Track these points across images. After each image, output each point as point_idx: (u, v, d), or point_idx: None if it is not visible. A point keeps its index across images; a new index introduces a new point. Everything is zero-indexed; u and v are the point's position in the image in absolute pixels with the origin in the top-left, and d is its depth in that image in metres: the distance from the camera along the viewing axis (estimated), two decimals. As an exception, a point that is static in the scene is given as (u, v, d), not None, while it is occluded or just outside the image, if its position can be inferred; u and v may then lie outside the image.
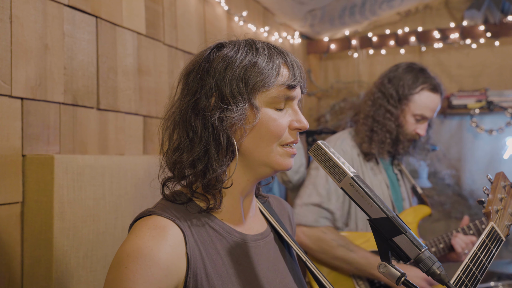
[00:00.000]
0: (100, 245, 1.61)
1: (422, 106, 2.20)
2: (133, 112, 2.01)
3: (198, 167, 1.03)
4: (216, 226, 1.06)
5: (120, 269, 0.93)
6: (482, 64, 3.82)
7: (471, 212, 3.81)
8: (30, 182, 1.49)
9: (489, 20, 3.66)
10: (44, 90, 1.58)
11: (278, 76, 1.04)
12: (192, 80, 1.06)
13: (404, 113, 2.22)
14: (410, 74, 2.24)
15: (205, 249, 1.01)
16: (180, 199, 1.06)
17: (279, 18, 3.56)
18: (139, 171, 1.80)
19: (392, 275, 0.93)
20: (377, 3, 3.59)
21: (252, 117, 1.03)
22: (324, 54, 4.18)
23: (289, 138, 1.07)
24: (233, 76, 1.02)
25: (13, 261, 1.47)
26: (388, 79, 2.28)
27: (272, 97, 1.04)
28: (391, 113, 2.22)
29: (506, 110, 3.62)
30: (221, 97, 1.02)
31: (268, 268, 1.11)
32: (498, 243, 1.30)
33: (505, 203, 1.39)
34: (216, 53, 1.06)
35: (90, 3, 1.77)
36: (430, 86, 2.21)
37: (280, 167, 1.07)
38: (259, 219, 1.19)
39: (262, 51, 1.05)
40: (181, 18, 2.35)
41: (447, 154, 3.91)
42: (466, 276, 1.17)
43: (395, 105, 2.22)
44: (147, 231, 0.96)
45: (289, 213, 1.35)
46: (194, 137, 1.03)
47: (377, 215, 0.93)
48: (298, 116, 1.08)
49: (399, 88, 2.22)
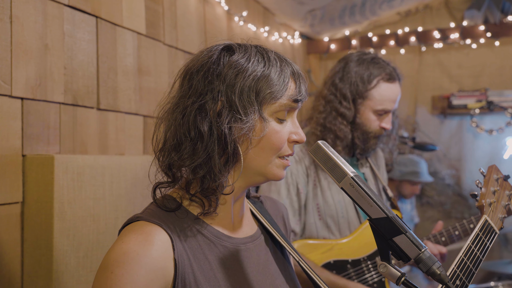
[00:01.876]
0: (100, 245, 1.61)
1: (382, 100, 1.97)
2: (133, 112, 2.01)
3: (199, 173, 1.01)
4: (205, 231, 1.05)
5: (106, 274, 0.93)
6: (482, 64, 3.82)
7: (471, 212, 3.81)
8: (30, 182, 1.49)
9: (489, 20, 3.66)
10: (44, 90, 1.58)
11: (287, 89, 1.04)
12: (199, 81, 1.03)
13: (362, 112, 2.00)
14: (361, 67, 1.99)
15: (193, 254, 1.01)
16: (169, 206, 1.05)
17: (279, 18, 3.56)
18: (139, 171, 1.80)
19: (392, 275, 0.93)
20: (377, 3, 3.59)
21: (260, 129, 1.02)
22: (324, 54, 4.18)
23: (287, 150, 1.07)
24: (244, 85, 1.01)
25: (13, 261, 1.47)
26: (339, 77, 2.03)
27: (276, 108, 1.04)
28: (344, 116, 1.99)
29: (506, 110, 3.62)
30: (229, 104, 1.00)
31: (258, 270, 1.10)
32: (492, 236, 1.31)
33: (498, 196, 1.40)
34: (226, 57, 1.04)
35: (90, 3, 1.77)
36: (386, 76, 1.98)
37: (274, 177, 1.08)
38: (249, 221, 1.19)
39: (274, 63, 1.05)
40: (181, 18, 2.35)
41: (447, 154, 3.92)
42: (461, 270, 1.18)
43: (349, 106, 1.99)
44: (133, 236, 0.96)
45: (283, 214, 1.34)
46: (198, 141, 1.01)
47: (377, 215, 0.93)
48: (297, 129, 1.09)
49: (352, 87, 1.98)
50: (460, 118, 3.87)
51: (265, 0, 3.23)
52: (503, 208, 1.39)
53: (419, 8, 3.97)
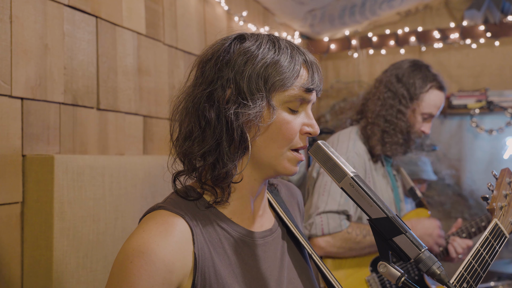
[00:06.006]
0: (100, 245, 1.61)
1: (431, 104, 2.18)
2: (133, 112, 2.01)
3: (209, 160, 1.01)
4: (225, 225, 1.05)
5: (125, 264, 0.93)
6: (482, 64, 3.82)
7: (471, 212, 3.81)
8: (30, 182, 1.49)
9: (489, 20, 3.66)
10: (44, 90, 1.58)
11: (298, 77, 1.03)
12: (210, 69, 1.03)
13: (414, 112, 2.19)
14: (418, 72, 2.20)
15: (213, 248, 1.01)
16: (191, 195, 1.05)
17: (279, 18, 3.56)
18: (139, 171, 1.80)
19: (392, 275, 0.93)
20: (377, 3, 3.59)
21: (268, 116, 1.01)
22: (324, 54, 4.18)
23: (299, 143, 1.06)
24: (252, 72, 1.00)
25: (13, 261, 1.47)
26: (396, 77, 2.22)
27: (288, 98, 1.02)
28: (402, 113, 2.17)
29: (506, 110, 3.62)
30: (237, 91, 1.00)
31: (275, 265, 1.10)
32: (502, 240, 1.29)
33: (510, 200, 1.37)
34: (237, 45, 1.04)
35: (90, 3, 1.77)
36: (438, 84, 2.19)
37: (285, 171, 1.06)
38: (268, 214, 1.18)
39: (285, 50, 1.04)
40: (181, 18, 2.35)
41: (447, 154, 3.92)
42: (468, 273, 1.16)
43: (407, 105, 2.18)
44: (155, 226, 0.96)
45: (298, 199, 1.33)
46: (207, 129, 1.01)
47: (377, 215, 0.93)
48: (311, 121, 1.07)
49: (410, 88, 2.17)
50: (460, 118, 3.87)
51: (265, 0, 3.23)
52: None
53: (419, 8, 3.97)
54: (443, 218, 3.90)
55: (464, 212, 3.85)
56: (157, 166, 1.88)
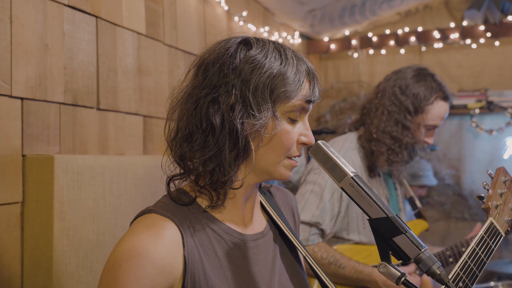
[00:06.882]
0: (100, 245, 1.61)
1: (435, 116, 2.10)
2: (133, 112, 2.01)
3: (209, 166, 1.01)
4: (216, 228, 1.05)
5: (115, 267, 0.93)
6: (482, 64, 3.82)
7: (471, 212, 3.81)
8: (30, 182, 1.49)
9: (489, 20, 3.66)
10: (44, 90, 1.58)
11: (302, 89, 1.04)
12: (214, 74, 1.02)
13: (419, 126, 2.11)
14: (423, 83, 2.10)
15: (203, 250, 1.01)
16: (183, 200, 1.05)
17: (279, 18, 3.56)
18: (139, 171, 1.80)
19: (392, 275, 0.93)
20: (377, 3, 3.59)
21: (272, 127, 1.02)
22: (324, 54, 4.18)
23: (295, 152, 1.07)
24: (259, 82, 1.00)
25: (13, 261, 1.47)
26: (400, 89, 2.12)
27: (290, 108, 1.03)
28: (408, 129, 2.09)
29: (506, 110, 3.62)
30: (242, 99, 1.00)
31: (266, 268, 1.10)
32: (497, 239, 1.29)
33: (505, 198, 1.38)
34: (243, 52, 1.03)
35: (90, 3, 1.77)
36: (442, 95, 2.11)
37: (280, 177, 1.07)
38: (259, 216, 1.18)
39: (291, 61, 1.04)
40: (181, 18, 2.35)
41: (447, 154, 3.92)
42: (464, 272, 1.17)
43: (412, 120, 2.09)
44: (144, 230, 0.96)
45: (292, 205, 1.33)
46: (209, 134, 1.00)
47: (377, 215, 0.93)
48: (307, 131, 1.08)
49: (415, 101, 2.08)
50: (460, 118, 3.87)
51: (265, 0, 3.23)
52: (510, 211, 1.37)
53: (419, 8, 3.97)
54: (443, 218, 3.90)
55: (464, 212, 3.85)
56: (157, 166, 1.86)
